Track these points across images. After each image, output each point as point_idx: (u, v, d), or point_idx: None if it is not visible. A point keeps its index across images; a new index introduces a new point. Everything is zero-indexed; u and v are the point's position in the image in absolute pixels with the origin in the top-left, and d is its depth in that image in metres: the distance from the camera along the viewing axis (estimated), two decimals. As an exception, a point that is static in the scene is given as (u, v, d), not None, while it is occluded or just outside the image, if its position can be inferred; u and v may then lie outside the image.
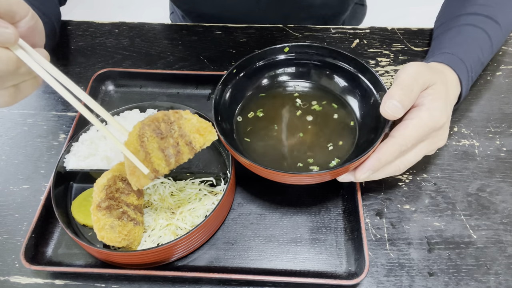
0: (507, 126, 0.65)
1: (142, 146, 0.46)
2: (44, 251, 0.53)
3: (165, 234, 0.52)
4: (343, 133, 0.57)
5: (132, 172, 0.46)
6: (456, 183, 0.59)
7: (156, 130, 0.47)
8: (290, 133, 0.57)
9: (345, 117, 0.58)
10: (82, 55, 0.77)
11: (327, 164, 0.54)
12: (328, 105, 0.60)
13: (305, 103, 0.60)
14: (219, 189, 0.57)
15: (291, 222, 0.55)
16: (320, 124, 0.58)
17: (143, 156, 0.46)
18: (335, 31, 0.80)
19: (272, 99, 0.61)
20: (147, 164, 0.45)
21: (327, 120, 0.58)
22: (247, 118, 0.59)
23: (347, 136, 0.56)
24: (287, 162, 0.54)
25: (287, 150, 0.55)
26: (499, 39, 0.65)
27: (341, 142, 0.56)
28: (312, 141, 0.56)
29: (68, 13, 0.83)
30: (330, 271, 0.51)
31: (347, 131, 0.57)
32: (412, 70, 0.50)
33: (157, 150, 0.46)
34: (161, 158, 0.46)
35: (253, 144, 0.56)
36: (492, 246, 0.53)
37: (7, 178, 0.61)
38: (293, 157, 0.54)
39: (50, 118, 0.68)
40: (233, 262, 0.52)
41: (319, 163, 0.54)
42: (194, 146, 0.48)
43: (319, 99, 0.61)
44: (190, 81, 0.70)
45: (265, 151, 0.56)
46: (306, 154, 0.55)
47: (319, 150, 0.55)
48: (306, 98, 0.61)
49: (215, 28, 0.81)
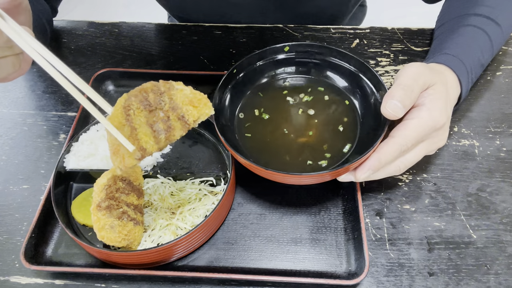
0: (507, 126, 0.65)
1: (127, 120, 0.40)
2: (44, 251, 0.53)
3: (165, 234, 0.52)
4: (343, 132, 0.57)
5: (116, 151, 0.40)
6: (456, 183, 0.59)
7: (143, 102, 0.40)
8: (290, 132, 0.57)
9: (345, 116, 0.58)
10: (82, 55, 0.77)
11: (327, 163, 0.54)
12: (329, 104, 0.60)
13: (305, 103, 0.60)
14: (219, 189, 0.57)
15: (291, 222, 0.56)
16: (320, 124, 0.58)
17: (128, 132, 0.40)
18: (335, 31, 0.80)
19: (272, 98, 0.61)
20: (133, 141, 0.39)
21: (327, 119, 0.58)
22: (247, 117, 0.59)
23: (347, 135, 0.56)
24: (288, 161, 0.54)
25: (287, 149, 0.55)
26: (499, 41, 0.65)
27: (341, 141, 0.56)
28: (312, 140, 0.56)
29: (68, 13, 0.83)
30: (330, 271, 0.51)
31: (348, 130, 0.57)
32: (412, 70, 0.50)
33: (145, 125, 0.40)
34: (149, 135, 0.41)
35: (254, 143, 0.56)
36: (492, 246, 0.53)
37: (7, 178, 0.61)
38: (293, 156, 0.54)
39: (50, 118, 0.68)
40: (233, 262, 0.52)
41: (319, 162, 0.54)
42: (187, 121, 0.42)
43: (319, 98, 0.61)
44: (190, 81, 0.70)
45: (266, 150, 0.56)
46: (306, 153, 0.55)
47: (319, 149, 0.55)
48: (306, 98, 0.61)
49: (215, 28, 0.81)
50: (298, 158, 0.55)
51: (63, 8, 0.83)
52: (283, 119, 0.59)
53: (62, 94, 0.71)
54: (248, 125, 0.58)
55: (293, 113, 0.59)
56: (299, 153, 0.55)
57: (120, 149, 0.40)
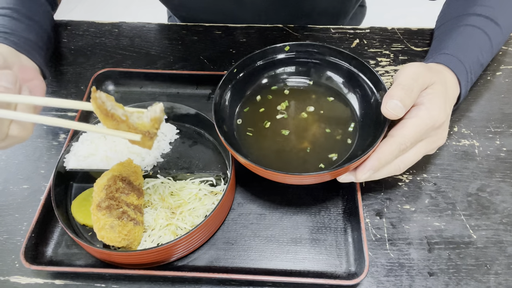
0: (507, 126, 0.65)
1: (115, 120, 0.44)
2: (44, 251, 0.53)
3: (165, 234, 0.52)
4: (343, 132, 0.57)
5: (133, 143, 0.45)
6: (456, 183, 0.59)
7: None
8: (291, 131, 0.57)
9: (345, 116, 0.58)
10: (82, 55, 0.77)
11: (327, 163, 0.54)
12: (329, 104, 0.60)
13: (306, 102, 0.60)
14: (219, 189, 0.57)
15: (291, 222, 0.55)
16: (321, 123, 0.58)
17: (126, 128, 0.44)
18: (335, 31, 0.80)
19: (272, 98, 0.61)
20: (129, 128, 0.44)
21: (327, 119, 0.58)
22: (247, 117, 0.59)
23: (347, 135, 0.56)
24: (288, 161, 0.54)
25: (287, 149, 0.55)
26: (499, 41, 0.65)
27: (342, 141, 0.56)
28: (312, 140, 0.56)
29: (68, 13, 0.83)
30: (330, 271, 0.51)
31: (347, 130, 0.57)
32: (411, 70, 0.50)
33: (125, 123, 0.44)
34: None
35: (254, 143, 0.56)
36: (492, 246, 0.53)
37: (7, 178, 0.61)
38: (293, 156, 0.55)
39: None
40: (233, 262, 0.52)
41: (319, 162, 0.54)
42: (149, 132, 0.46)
43: (319, 98, 0.61)
44: (190, 81, 0.70)
45: (266, 150, 0.56)
46: (306, 153, 0.55)
47: (319, 149, 0.55)
48: (307, 98, 0.61)
49: (215, 28, 0.81)
50: (298, 158, 0.55)
51: (63, 8, 0.83)
52: (283, 119, 0.59)
53: (62, 94, 0.71)
54: (248, 125, 0.58)
55: (293, 113, 0.59)
56: (299, 153, 0.55)
57: (135, 142, 0.45)
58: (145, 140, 0.45)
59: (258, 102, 0.61)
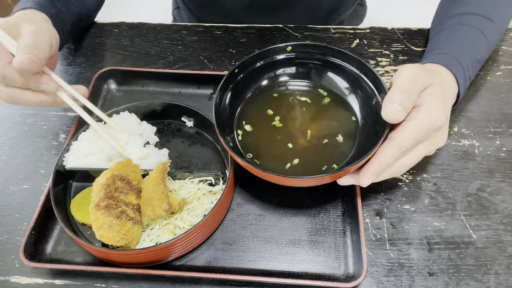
0: (507, 126, 0.65)
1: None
2: (43, 248, 0.53)
3: (164, 233, 0.52)
4: (344, 134, 0.56)
5: (149, 202, 0.52)
6: (456, 183, 0.59)
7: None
8: (291, 133, 0.57)
9: (346, 118, 0.58)
10: (82, 55, 0.77)
11: (328, 165, 0.53)
12: (329, 106, 0.60)
13: (306, 104, 0.60)
14: (218, 189, 0.57)
15: (290, 223, 0.55)
16: (321, 125, 0.58)
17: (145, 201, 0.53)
18: (335, 31, 0.80)
19: (272, 99, 0.61)
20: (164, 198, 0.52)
21: (328, 121, 0.58)
22: (247, 118, 0.59)
23: (347, 137, 0.56)
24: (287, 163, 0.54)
25: (287, 151, 0.55)
26: (494, 36, 0.65)
27: (342, 143, 0.56)
28: (312, 141, 0.56)
29: (69, 13, 0.83)
30: (328, 273, 0.51)
31: (348, 132, 0.57)
32: (408, 72, 0.50)
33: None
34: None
35: (254, 144, 0.56)
36: (492, 246, 0.53)
37: (7, 178, 0.61)
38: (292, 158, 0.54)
39: (50, 118, 0.68)
40: (231, 263, 0.52)
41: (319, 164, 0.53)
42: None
43: (320, 100, 0.61)
44: (192, 80, 0.70)
45: (266, 151, 0.56)
46: (306, 155, 0.55)
47: (319, 152, 0.55)
48: (307, 98, 0.61)
49: (215, 28, 0.81)
50: (298, 160, 0.54)
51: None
52: (284, 121, 0.59)
53: (62, 94, 0.71)
54: (248, 125, 0.58)
55: (293, 115, 0.59)
56: (298, 155, 0.55)
57: (152, 201, 0.51)
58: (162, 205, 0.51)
59: (258, 103, 0.61)
